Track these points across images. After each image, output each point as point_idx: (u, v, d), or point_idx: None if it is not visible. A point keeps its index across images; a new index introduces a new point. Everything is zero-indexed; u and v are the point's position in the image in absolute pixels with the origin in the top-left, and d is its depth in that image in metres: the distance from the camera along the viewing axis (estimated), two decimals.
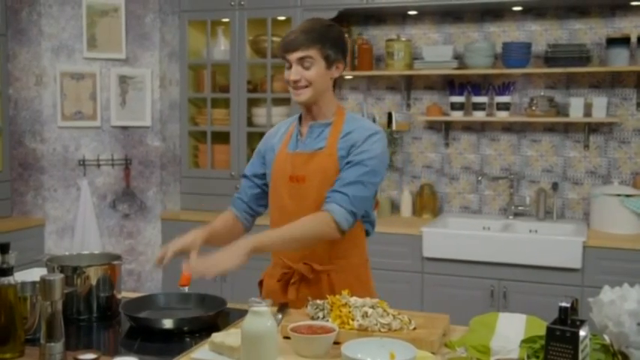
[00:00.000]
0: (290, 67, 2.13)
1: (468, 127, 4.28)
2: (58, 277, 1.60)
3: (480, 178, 4.19)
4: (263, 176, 2.28)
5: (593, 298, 1.55)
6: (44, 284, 1.59)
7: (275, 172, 2.20)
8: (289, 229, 2.04)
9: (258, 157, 2.31)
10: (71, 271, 2.02)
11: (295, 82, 2.12)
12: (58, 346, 1.59)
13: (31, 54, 4.14)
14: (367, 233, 2.26)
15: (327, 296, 1.93)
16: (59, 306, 1.60)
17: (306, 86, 2.12)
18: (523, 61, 3.96)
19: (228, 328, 1.89)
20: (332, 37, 2.14)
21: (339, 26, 2.21)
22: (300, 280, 2.15)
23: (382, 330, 1.76)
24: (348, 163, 2.09)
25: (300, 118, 2.27)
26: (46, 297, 1.59)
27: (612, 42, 3.81)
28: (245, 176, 2.33)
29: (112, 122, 4.27)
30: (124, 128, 4.31)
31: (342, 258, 2.18)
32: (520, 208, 4.14)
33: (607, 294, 1.53)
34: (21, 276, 1.95)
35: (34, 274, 2.00)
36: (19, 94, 4.18)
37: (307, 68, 2.11)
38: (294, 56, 2.10)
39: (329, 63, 2.13)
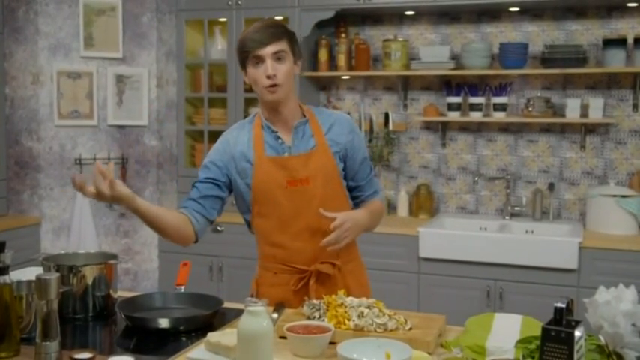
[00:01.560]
0: (257, 64, 2.06)
1: (465, 128, 4.29)
2: (53, 276, 1.60)
3: (476, 178, 4.19)
4: (224, 184, 2.17)
5: (588, 298, 1.55)
6: (40, 283, 1.59)
7: (262, 181, 2.12)
8: (371, 210, 2.21)
9: (215, 167, 2.16)
10: (67, 270, 2.01)
11: (270, 77, 2.05)
12: (53, 345, 1.59)
13: (28, 53, 4.13)
14: None
15: (324, 296, 1.93)
16: (55, 305, 1.60)
17: (280, 84, 2.07)
18: (520, 62, 3.97)
19: (224, 328, 1.89)
20: (293, 33, 2.16)
21: None
22: (316, 280, 2.14)
23: (378, 330, 1.77)
24: (366, 161, 2.25)
25: (260, 123, 2.18)
26: (41, 296, 1.59)
27: (608, 43, 3.82)
28: (200, 181, 2.17)
29: (109, 121, 4.26)
30: (121, 127, 4.31)
31: (347, 249, 2.20)
32: (516, 208, 4.14)
33: (602, 294, 1.53)
34: (17, 275, 1.95)
35: (30, 273, 2.00)
36: (15, 93, 4.17)
37: (281, 62, 2.07)
38: (268, 50, 2.04)
39: (295, 58, 2.12)
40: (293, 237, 2.14)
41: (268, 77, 2.05)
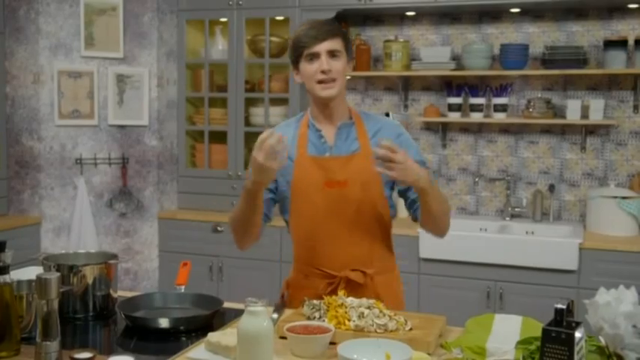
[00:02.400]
0: (312, 60, 2.05)
1: (465, 129, 4.29)
2: (54, 275, 1.60)
3: (476, 179, 4.19)
4: (274, 182, 2.15)
5: (588, 299, 1.55)
6: (40, 283, 1.59)
7: (301, 180, 2.10)
8: (441, 194, 2.07)
9: None
10: (67, 269, 2.01)
11: (325, 72, 2.03)
12: (53, 345, 1.59)
13: (29, 52, 4.13)
14: None
15: (324, 296, 1.93)
16: (55, 305, 1.60)
17: (335, 79, 2.06)
18: (520, 63, 3.96)
19: (224, 328, 1.89)
20: (346, 33, 2.14)
21: None
22: (345, 287, 2.07)
23: (378, 331, 1.77)
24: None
25: (307, 121, 2.16)
26: (42, 296, 1.58)
27: (609, 44, 3.82)
28: None
29: (110, 121, 4.26)
30: (122, 127, 4.30)
31: (382, 258, 2.17)
32: (517, 209, 4.14)
33: (602, 296, 1.53)
34: (17, 274, 1.94)
35: (31, 272, 2.00)
36: (16, 93, 4.17)
37: (336, 60, 2.06)
38: (323, 47, 2.03)
39: (348, 57, 2.11)
40: (325, 240, 2.10)
41: (323, 72, 2.04)
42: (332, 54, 2.05)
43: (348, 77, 4.38)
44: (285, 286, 2.24)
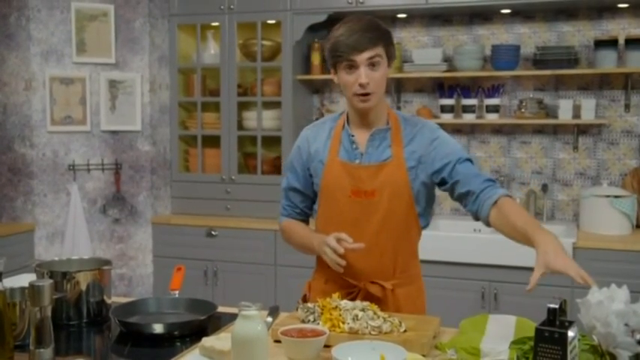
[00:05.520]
0: (350, 69, 1.98)
1: (458, 130, 4.30)
2: (47, 282, 1.60)
3: None
4: (312, 185, 2.15)
5: (582, 299, 1.56)
6: (33, 290, 1.58)
7: (330, 185, 2.07)
8: (528, 217, 2.04)
9: (302, 169, 2.15)
10: (60, 276, 2.01)
11: (363, 85, 1.96)
12: (47, 352, 1.59)
13: (20, 59, 4.12)
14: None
15: (318, 299, 1.93)
16: (48, 312, 1.60)
17: (373, 92, 1.98)
18: (512, 64, 3.98)
19: (218, 333, 1.89)
20: (389, 34, 2.04)
21: None
22: (364, 298, 2.04)
23: (373, 333, 1.77)
24: (453, 163, 2.03)
25: (343, 123, 2.12)
26: (35, 303, 1.58)
27: (600, 44, 3.83)
28: (294, 190, 2.17)
29: (102, 127, 4.25)
30: (114, 133, 4.30)
31: (405, 270, 2.13)
32: None
33: (595, 295, 1.54)
34: (10, 282, 1.94)
35: (24, 279, 1.99)
36: (8, 99, 4.16)
37: (375, 69, 1.97)
38: (363, 57, 1.95)
39: (389, 62, 2.02)
40: (348, 249, 2.05)
41: (361, 85, 1.97)
42: (371, 62, 1.97)
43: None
44: (307, 288, 2.22)
